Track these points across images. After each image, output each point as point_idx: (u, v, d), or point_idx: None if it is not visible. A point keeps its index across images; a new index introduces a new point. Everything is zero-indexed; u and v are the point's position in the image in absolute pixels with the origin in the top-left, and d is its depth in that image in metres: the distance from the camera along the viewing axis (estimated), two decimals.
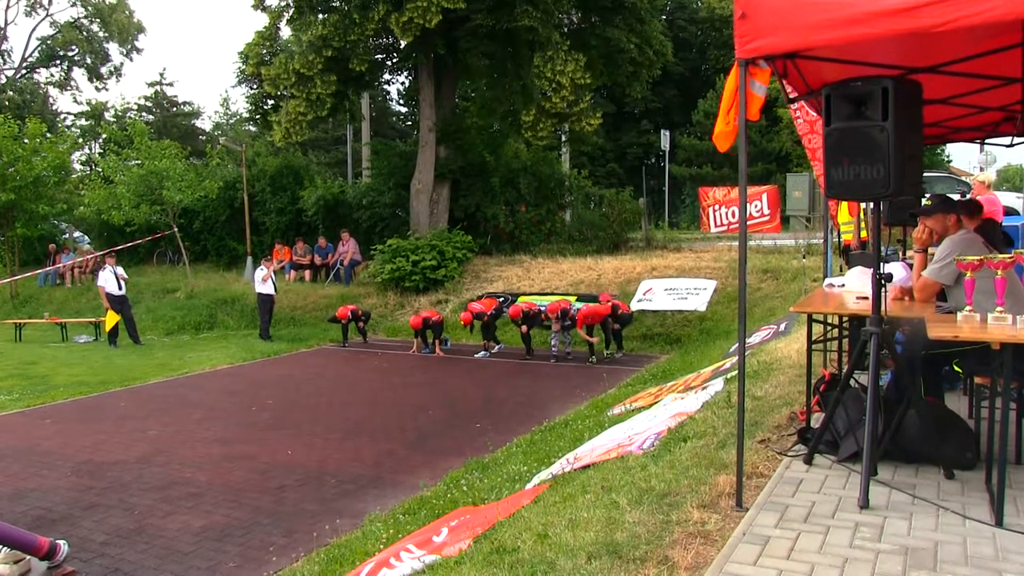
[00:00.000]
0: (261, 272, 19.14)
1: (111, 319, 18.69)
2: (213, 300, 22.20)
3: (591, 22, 22.69)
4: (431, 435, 10.08)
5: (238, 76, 27.98)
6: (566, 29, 22.41)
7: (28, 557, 5.98)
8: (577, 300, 17.87)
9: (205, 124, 41.72)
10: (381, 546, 5.96)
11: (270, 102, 24.00)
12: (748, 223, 6.32)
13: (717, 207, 25.43)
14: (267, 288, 19.05)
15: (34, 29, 36.17)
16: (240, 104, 50.28)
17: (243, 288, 22.64)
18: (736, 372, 5.41)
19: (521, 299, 18.56)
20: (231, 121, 38.63)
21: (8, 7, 35.63)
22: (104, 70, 37.64)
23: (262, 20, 22.74)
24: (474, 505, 6.48)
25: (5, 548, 6.01)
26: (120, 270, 18.86)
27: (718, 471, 5.13)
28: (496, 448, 9.08)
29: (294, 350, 17.68)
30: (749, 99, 4.48)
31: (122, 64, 37.74)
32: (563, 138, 26.53)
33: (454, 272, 20.63)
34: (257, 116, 27.57)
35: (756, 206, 23.83)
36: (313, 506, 7.58)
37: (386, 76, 26.89)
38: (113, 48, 37.26)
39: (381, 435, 10.06)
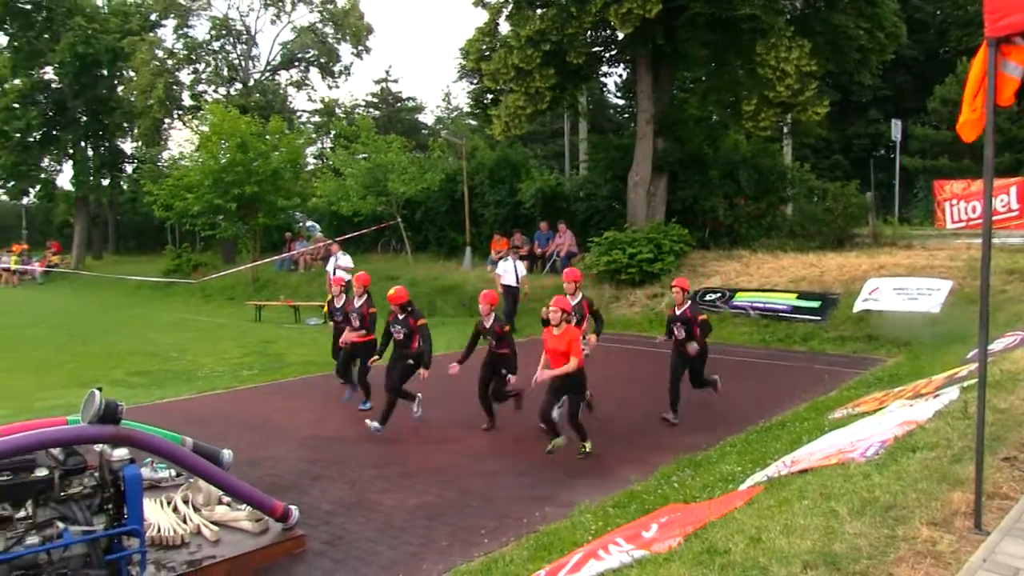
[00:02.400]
0: (505, 263, 19.24)
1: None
2: (433, 288, 22.90)
3: (816, 7, 21.66)
4: (639, 429, 9.95)
5: (459, 72, 28.79)
6: (788, 16, 21.49)
7: (266, 517, 6.46)
8: (798, 298, 17.18)
9: (427, 119, 43.29)
10: (590, 537, 5.91)
11: (490, 96, 24.45)
12: (993, 219, 5.72)
13: (955, 201, 23.63)
14: (509, 279, 19.10)
15: (277, 35, 38.66)
16: (461, 99, 51.81)
17: (462, 277, 23.27)
18: (974, 380, 4.93)
19: (739, 295, 18.02)
20: (452, 115, 39.87)
21: (257, 17, 38.07)
22: (336, 69, 39.73)
23: (482, 17, 23.20)
24: (685, 503, 6.30)
25: (248, 507, 6.53)
26: (346, 258, 19.71)
27: (952, 487, 4.70)
28: (708, 446, 8.81)
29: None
30: (1001, 82, 4.04)
31: (352, 64, 40.07)
32: (785, 129, 25.51)
33: (671, 265, 20.24)
34: (477, 110, 28.22)
35: (1002, 200, 21.91)
36: (523, 493, 7.63)
37: (603, 69, 26.79)
38: (344, 49, 39.30)
39: (592, 426, 10.00)
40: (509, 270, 18.49)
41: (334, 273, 19.39)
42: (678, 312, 10.16)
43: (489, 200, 26.21)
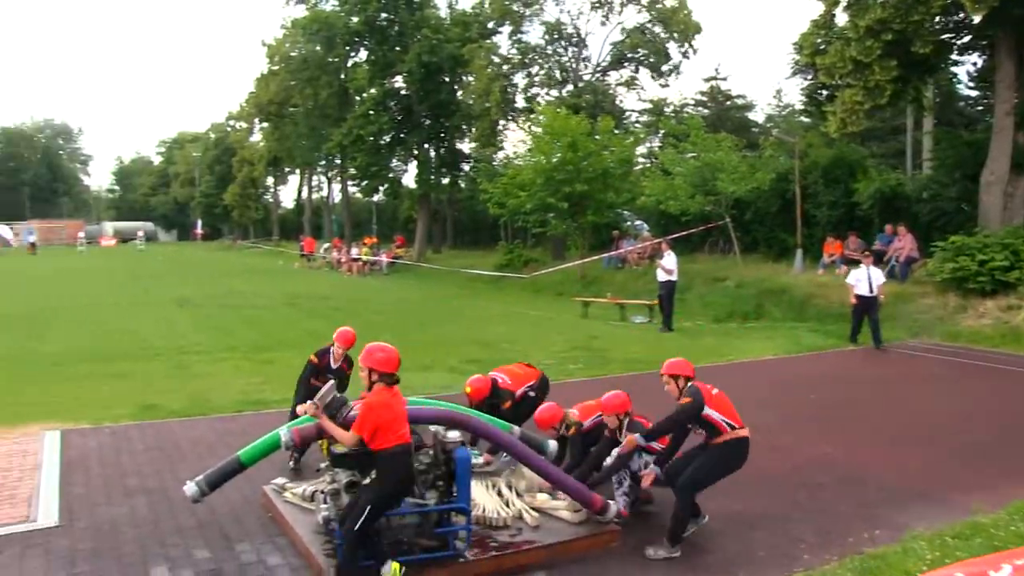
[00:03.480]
0: (858, 271, 18.12)
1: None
2: (761, 290, 22.31)
3: None
4: (986, 453, 9.03)
5: (792, 67, 27.93)
6: None
7: (584, 509, 6.65)
8: None
9: (757, 116, 42.31)
10: (924, 567, 5.45)
11: (824, 92, 23.42)
12: None
13: None
14: (862, 288, 17.94)
15: (607, 36, 39.26)
16: (793, 95, 50.15)
17: (791, 280, 22.48)
18: None
19: None
20: (783, 113, 38.66)
21: (587, 20, 39.04)
22: (664, 68, 39.76)
23: (817, 8, 22.15)
24: None
25: (567, 497, 6.75)
26: (671, 258, 19.63)
27: None
28: None
29: (841, 347, 17.01)
30: None
31: (680, 62, 39.37)
32: None
33: None
34: (811, 107, 27.17)
35: None
36: (849, 509, 7.23)
37: (953, 57, 24.70)
38: (673, 47, 39.21)
39: (928, 446, 9.26)
40: (863, 278, 16.89)
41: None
42: None
43: (822, 201, 25.08)
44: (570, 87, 39.45)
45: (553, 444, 7.45)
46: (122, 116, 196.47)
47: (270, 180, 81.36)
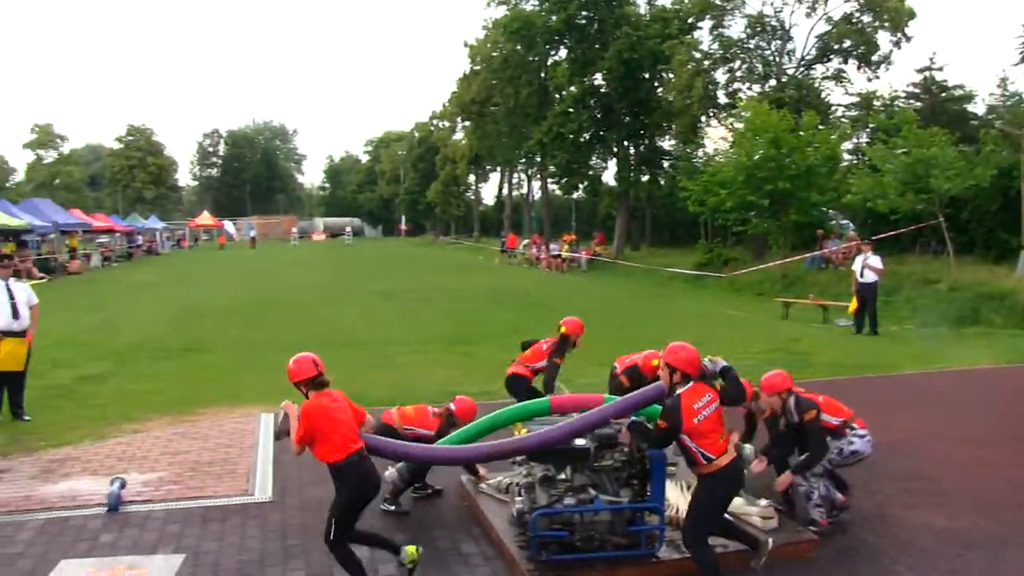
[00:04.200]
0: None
1: (853, 304, 19.03)
2: (977, 295, 21.05)
3: None
4: None
5: (1020, 51, 26.09)
6: None
7: (776, 516, 6.65)
8: None
9: (977, 108, 39.70)
10: None
11: None
12: None
13: None
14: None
15: (812, 28, 37.82)
16: (1020, 83, 46.74)
17: (1013, 284, 21.13)
18: None
19: None
20: (1008, 103, 36.06)
21: (792, 12, 37.83)
22: (874, 59, 37.99)
23: None
24: None
25: (761, 502, 6.77)
26: (875, 259, 18.91)
27: None
28: None
29: None
30: None
31: (891, 53, 37.43)
32: None
33: None
34: None
35: None
36: None
37: None
38: (883, 37, 37.35)
39: None
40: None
41: (861, 274, 18.78)
42: None
43: None
44: (773, 82, 38.42)
45: (749, 448, 7.35)
46: (333, 117, 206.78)
47: (472, 177, 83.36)
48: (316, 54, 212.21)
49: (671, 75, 40.46)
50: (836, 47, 38.12)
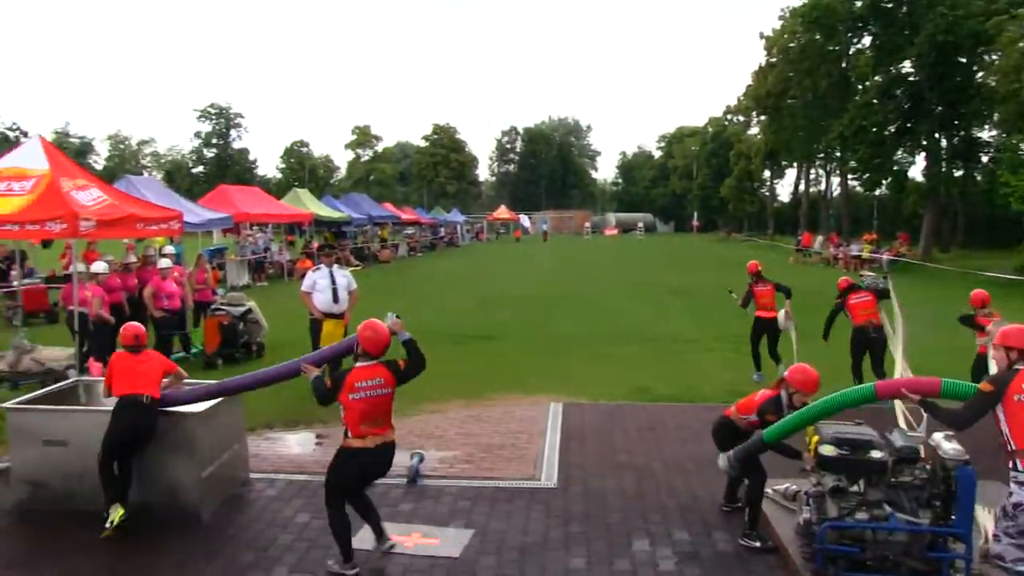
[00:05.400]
0: None
1: None
2: None
3: None
4: None
5: None
6: None
7: None
8: None
9: None
10: None
11: None
12: None
13: None
14: None
15: None
16: None
17: None
18: None
19: None
20: None
21: None
22: None
23: None
24: None
25: None
26: None
27: None
28: None
29: None
30: None
31: None
32: None
33: None
34: None
35: None
36: None
37: None
38: None
39: None
40: None
41: None
42: None
43: None
44: None
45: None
46: (627, 113, 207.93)
47: (766, 173, 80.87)
48: (611, 50, 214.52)
49: (995, 56, 36.65)
50: None
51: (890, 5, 40.51)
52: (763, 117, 65.49)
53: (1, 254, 19.61)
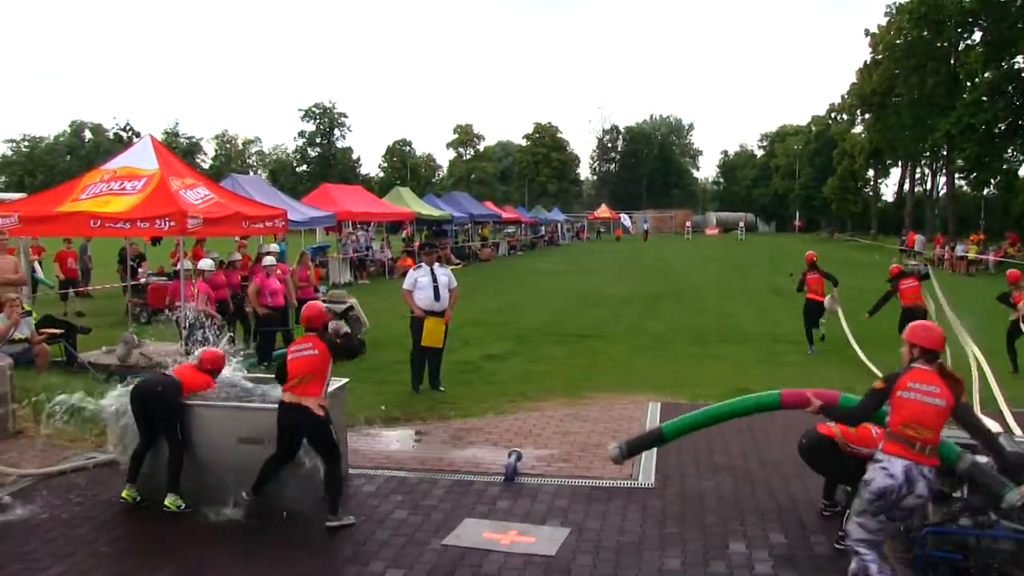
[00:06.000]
0: None
1: None
2: None
3: None
4: None
5: None
6: None
7: None
8: None
9: None
10: None
11: None
12: None
13: None
14: None
15: None
16: None
17: None
18: None
19: None
20: None
21: None
22: None
23: None
24: None
25: None
26: None
27: None
28: None
29: None
30: None
31: None
32: None
33: None
34: None
35: None
36: None
37: None
38: None
39: None
40: None
41: None
42: None
43: None
44: None
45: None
46: (728, 112, 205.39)
47: (870, 172, 79.44)
48: (714, 49, 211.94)
49: None
50: None
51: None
52: (868, 115, 64.53)
53: (133, 252, 20.04)
